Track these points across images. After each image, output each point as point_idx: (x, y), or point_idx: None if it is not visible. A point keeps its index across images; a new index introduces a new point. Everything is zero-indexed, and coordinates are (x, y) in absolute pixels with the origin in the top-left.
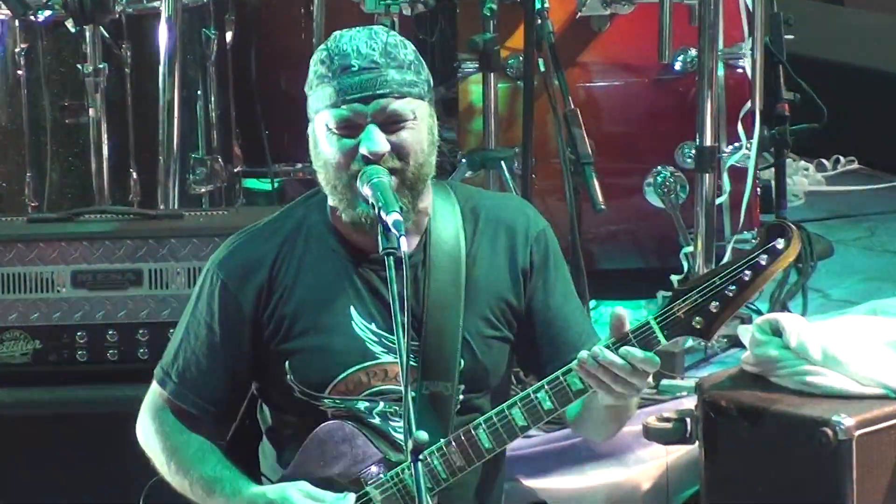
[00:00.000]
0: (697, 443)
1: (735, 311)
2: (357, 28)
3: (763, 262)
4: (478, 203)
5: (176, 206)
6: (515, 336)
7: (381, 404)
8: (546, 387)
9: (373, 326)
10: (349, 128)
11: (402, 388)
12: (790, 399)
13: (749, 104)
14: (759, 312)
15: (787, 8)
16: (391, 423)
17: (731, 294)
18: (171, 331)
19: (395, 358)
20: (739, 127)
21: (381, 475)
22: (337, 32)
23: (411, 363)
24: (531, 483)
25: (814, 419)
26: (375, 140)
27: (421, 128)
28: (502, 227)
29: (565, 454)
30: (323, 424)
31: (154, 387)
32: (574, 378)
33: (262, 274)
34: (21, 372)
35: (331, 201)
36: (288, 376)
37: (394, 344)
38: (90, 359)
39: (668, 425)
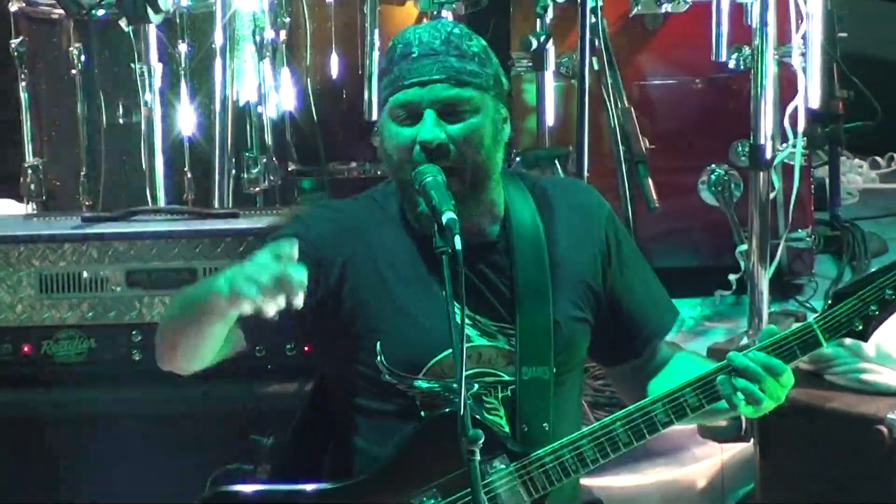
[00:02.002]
0: (752, 441)
1: (892, 314)
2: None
3: None
4: (546, 187)
5: (230, 206)
6: (595, 319)
7: (476, 387)
8: (692, 386)
9: (457, 311)
10: (408, 116)
11: (496, 371)
12: (844, 397)
13: (795, 101)
14: (814, 310)
15: (840, 6)
16: (485, 405)
17: (890, 298)
18: None
19: (489, 341)
20: (786, 123)
21: (503, 466)
22: (409, 26)
23: (510, 348)
24: (586, 481)
25: (868, 417)
26: (431, 127)
27: (482, 120)
28: (575, 209)
29: None
30: (439, 412)
31: None
32: (721, 377)
33: (354, 241)
34: (76, 371)
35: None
36: (378, 357)
37: (487, 327)
38: (145, 358)
39: (723, 423)
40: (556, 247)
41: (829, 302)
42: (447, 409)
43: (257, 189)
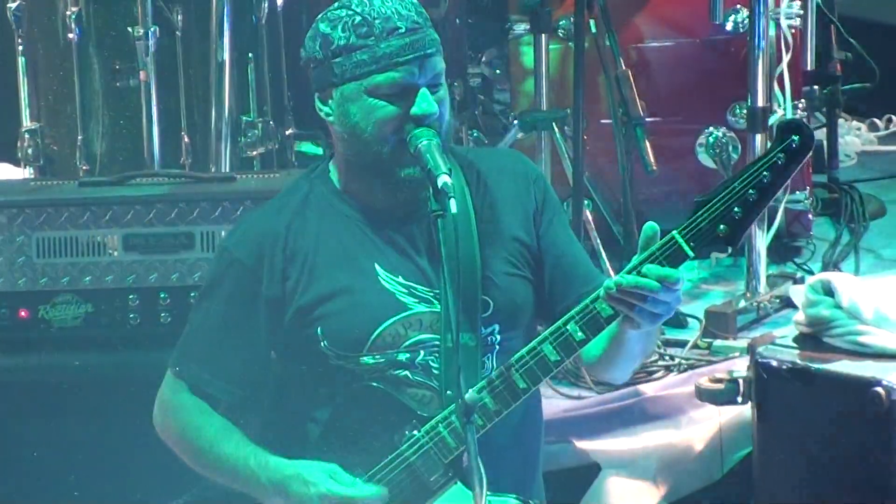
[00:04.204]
0: (750, 404)
1: (759, 216)
2: None
3: (780, 162)
4: (473, 156)
5: (227, 169)
6: (535, 276)
7: (422, 353)
8: (576, 317)
9: (400, 279)
10: (398, 92)
11: (434, 337)
12: (842, 359)
13: (782, 64)
14: (812, 272)
15: None
16: (433, 372)
17: (752, 198)
18: None
19: (428, 307)
20: (776, 86)
21: (416, 433)
22: None
23: (436, 311)
24: (584, 445)
25: (866, 379)
26: (431, 101)
27: (445, 85)
28: (504, 174)
29: (618, 416)
30: (356, 391)
31: (170, 377)
32: (603, 304)
33: (278, 248)
34: (73, 335)
35: (358, 168)
36: (322, 343)
37: (424, 294)
38: (142, 322)
39: (721, 386)
40: (484, 212)
41: (691, 211)
42: (369, 384)
43: (255, 153)
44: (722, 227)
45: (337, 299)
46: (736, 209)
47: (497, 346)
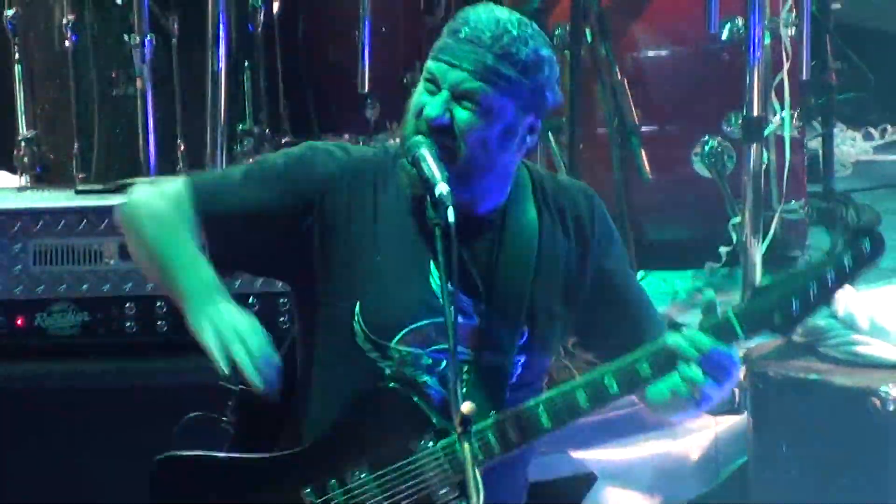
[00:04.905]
0: (745, 413)
1: (815, 311)
2: (504, 8)
3: (847, 264)
4: (544, 181)
5: None
6: (577, 313)
7: (444, 363)
8: (615, 371)
9: (449, 285)
10: (432, 84)
11: (466, 351)
12: (838, 369)
13: (782, 73)
14: None
15: None
16: (450, 384)
17: (813, 294)
18: None
19: (466, 320)
20: (773, 96)
21: (431, 444)
22: (490, 3)
23: (472, 325)
24: (580, 454)
25: (861, 389)
26: (436, 105)
27: (492, 122)
28: (568, 205)
29: (614, 425)
30: (376, 388)
31: (183, 185)
32: (644, 364)
33: (365, 187)
34: (70, 344)
35: None
36: (357, 319)
37: (467, 308)
38: (139, 330)
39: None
40: (546, 240)
41: (752, 294)
42: (389, 385)
43: (250, 161)
44: (777, 316)
45: (384, 277)
46: (794, 302)
47: (515, 378)
